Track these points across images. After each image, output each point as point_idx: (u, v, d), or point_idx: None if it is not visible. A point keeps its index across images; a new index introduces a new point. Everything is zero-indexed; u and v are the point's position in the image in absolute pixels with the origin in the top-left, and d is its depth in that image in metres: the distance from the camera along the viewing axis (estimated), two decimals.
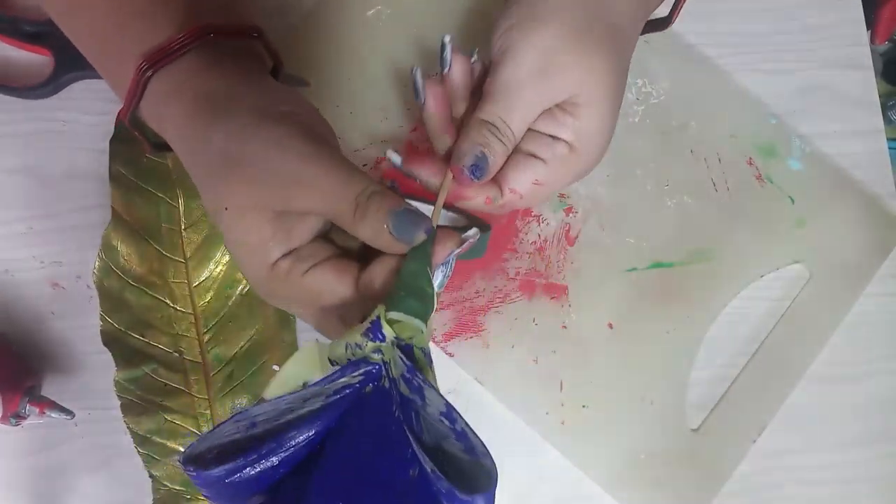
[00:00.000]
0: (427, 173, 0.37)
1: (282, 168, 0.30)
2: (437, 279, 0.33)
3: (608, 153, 0.48)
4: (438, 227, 0.32)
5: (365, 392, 0.29)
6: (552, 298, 0.46)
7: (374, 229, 0.30)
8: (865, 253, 0.47)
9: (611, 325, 0.46)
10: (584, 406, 0.45)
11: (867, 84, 0.50)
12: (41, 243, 0.47)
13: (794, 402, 0.46)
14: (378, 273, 0.31)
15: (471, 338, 0.45)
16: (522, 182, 0.37)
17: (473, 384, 0.45)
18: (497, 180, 0.37)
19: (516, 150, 0.37)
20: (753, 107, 0.49)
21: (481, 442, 0.27)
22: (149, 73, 0.32)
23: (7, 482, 0.45)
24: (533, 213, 0.47)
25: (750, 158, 0.48)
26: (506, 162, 0.37)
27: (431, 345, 0.45)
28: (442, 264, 0.33)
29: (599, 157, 0.38)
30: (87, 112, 0.48)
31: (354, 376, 0.28)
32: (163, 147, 0.36)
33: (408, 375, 0.27)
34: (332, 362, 0.29)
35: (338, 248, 0.34)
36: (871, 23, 0.53)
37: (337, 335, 0.32)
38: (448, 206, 0.39)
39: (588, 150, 0.37)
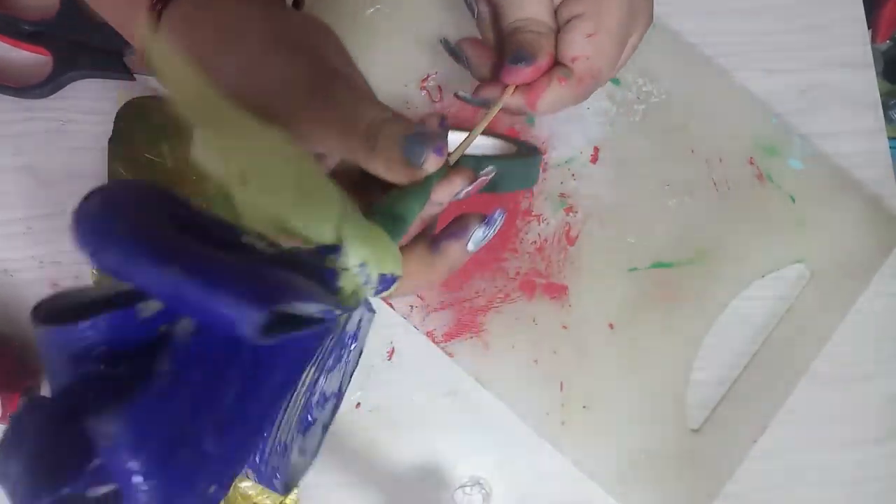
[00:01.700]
0: (477, 58, 0.37)
1: (288, 104, 0.28)
2: (478, 236, 0.29)
3: (608, 152, 0.48)
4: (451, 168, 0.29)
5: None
6: (552, 298, 0.46)
7: (386, 158, 0.28)
8: (866, 252, 0.47)
9: (611, 326, 0.46)
10: (584, 406, 0.45)
11: (868, 83, 0.50)
12: (40, 243, 0.46)
13: (795, 403, 0.46)
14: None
15: (471, 338, 0.45)
16: (576, 42, 0.35)
17: (473, 384, 0.45)
18: (559, 64, 0.36)
19: (560, 29, 0.36)
20: (754, 106, 0.49)
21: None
22: (159, 7, 0.31)
23: None
24: (533, 213, 0.47)
25: (751, 158, 0.48)
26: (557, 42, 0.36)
27: (431, 345, 0.45)
28: (485, 224, 0.30)
29: (619, 39, 0.35)
30: (86, 112, 0.48)
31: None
32: None
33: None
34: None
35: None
36: (871, 22, 0.53)
37: None
38: (497, 135, 0.37)
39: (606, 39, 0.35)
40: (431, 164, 0.27)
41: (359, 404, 0.45)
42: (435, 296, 0.46)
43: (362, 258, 0.24)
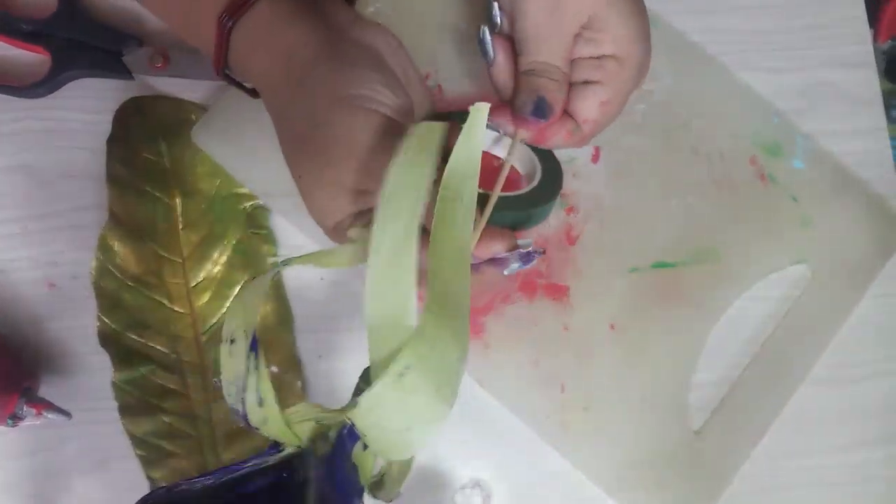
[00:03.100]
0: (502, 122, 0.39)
1: (351, 155, 0.32)
2: (513, 267, 0.34)
3: (609, 152, 0.48)
4: (489, 227, 0.33)
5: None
6: (553, 299, 0.46)
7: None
8: (869, 252, 0.47)
9: (612, 327, 0.45)
10: (585, 408, 0.44)
11: (870, 82, 0.50)
12: (37, 243, 0.46)
13: (797, 404, 0.45)
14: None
15: (471, 339, 0.45)
16: (590, 108, 0.38)
17: (474, 386, 0.45)
18: (569, 115, 0.39)
19: (573, 84, 0.38)
20: (756, 105, 0.49)
21: None
22: (229, 24, 0.34)
23: (4, 483, 0.45)
24: None
25: (753, 157, 0.48)
26: (569, 96, 0.38)
27: None
28: (521, 261, 0.33)
29: (646, 57, 0.39)
30: (84, 111, 0.48)
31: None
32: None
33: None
34: None
35: None
36: (873, 21, 0.53)
37: None
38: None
39: (633, 54, 0.38)
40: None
41: None
42: None
43: None
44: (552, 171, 0.39)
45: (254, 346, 0.29)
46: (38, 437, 0.45)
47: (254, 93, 0.40)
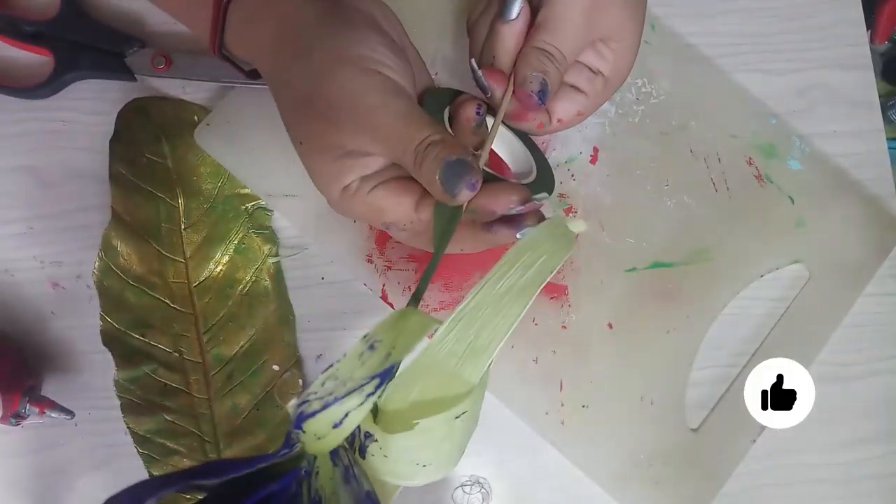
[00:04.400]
0: (496, 88, 0.38)
1: (352, 116, 0.32)
2: (526, 232, 0.33)
3: (607, 153, 0.48)
4: (502, 182, 0.33)
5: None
6: (552, 298, 0.46)
7: (428, 178, 0.32)
8: (865, 253, 0.47)
9: (610, 325, 0.46)
10: (583, 406, 0.45)
11: (867, 84, 0.50)
12: (41, 243, 0.47)
13: None
14: (429, 203, 0.33)
15: None
16: (568, 112, 0.39)
17: None
18: (546, 108, 0.39)
19: (563, 83, 0.39)
20: (753, 107, 0.49)
21: None
22: (226, 1, 0.34)
23: (7, 482, 0.45)
24: None
25: (750, 158, 0.48)
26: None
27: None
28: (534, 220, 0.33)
29: (621, 84, 0.41)
30: (87, 112, 0.48)
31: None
32: (258, 74, 0.38)
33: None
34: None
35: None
36: (870, 23, 0.53)
37: (404, 241, 0.36)
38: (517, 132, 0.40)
39: (617, 82, 0.40)
40: (463, 197, 0.31)
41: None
42: (435, 296, 0.46)
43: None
44: (545, 170, 0.40)
45: (383, 376, 0.28)
46: (41, 436, 0.45)
47: (252, 74, 0.39)
